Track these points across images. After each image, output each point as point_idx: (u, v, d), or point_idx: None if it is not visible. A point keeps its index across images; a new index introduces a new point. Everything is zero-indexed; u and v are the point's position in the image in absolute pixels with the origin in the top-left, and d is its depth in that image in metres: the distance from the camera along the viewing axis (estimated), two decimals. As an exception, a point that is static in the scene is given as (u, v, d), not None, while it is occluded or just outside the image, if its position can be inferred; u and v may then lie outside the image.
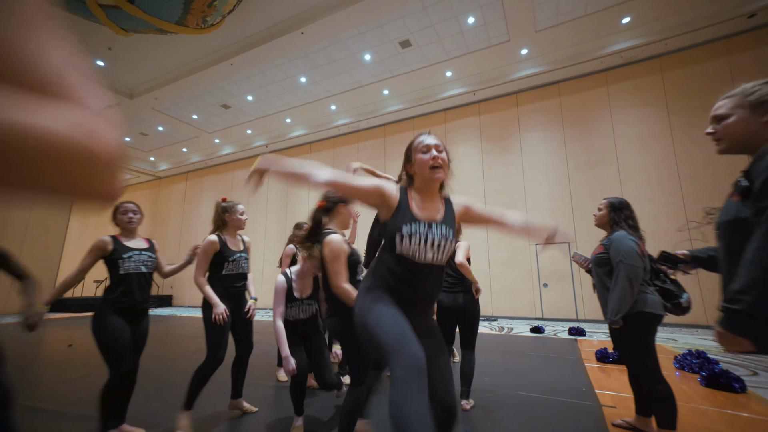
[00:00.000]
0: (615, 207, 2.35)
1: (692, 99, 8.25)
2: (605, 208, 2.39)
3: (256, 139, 14.38)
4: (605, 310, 2.19)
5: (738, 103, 1.24)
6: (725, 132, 1.27)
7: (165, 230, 17.66)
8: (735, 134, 1.24)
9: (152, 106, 11.58)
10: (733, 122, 1.24)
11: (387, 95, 11.04)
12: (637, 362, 2.09)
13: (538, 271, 9.35)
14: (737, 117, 1.23)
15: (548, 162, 9.67)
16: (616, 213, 2.33)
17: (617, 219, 2.31)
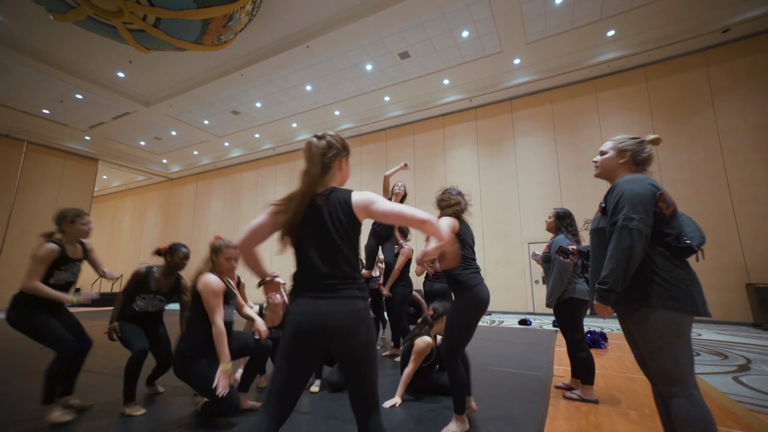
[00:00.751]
0: (560, 216, 2.99)
1: (674, 107, 8.75)
2: (553, 216, 3.00)
3: (263, 143, 15.05)
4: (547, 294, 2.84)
5: (613, 146, 1.77)
6: (602, 163, 1.80)
7: (176, 229, 18.45)
8: (605, 166, 1.78)
9: (167, 113, 12.29)
10: (606, 158, 1.78)
11: (388, 101, 11.64)
12: (568, 335, 2.70)
13: (530, 269, 9.90)
14: (609, 156, 1.77)
15: (540, 166, 10.21)
16: (560, 221, 2.96)
17: (560, 225, 2.95)
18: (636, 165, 1.69)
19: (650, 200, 1.50)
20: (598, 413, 2.41)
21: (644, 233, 1.46)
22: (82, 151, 14.73)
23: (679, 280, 1.46)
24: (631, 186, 1.53)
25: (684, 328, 1.43)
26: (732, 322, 7.50)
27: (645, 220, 1.46)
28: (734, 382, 3.27)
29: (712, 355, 4.47)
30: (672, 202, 1.57)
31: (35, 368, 3.65)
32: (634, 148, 1.69)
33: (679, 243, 1.51)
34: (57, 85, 10.48)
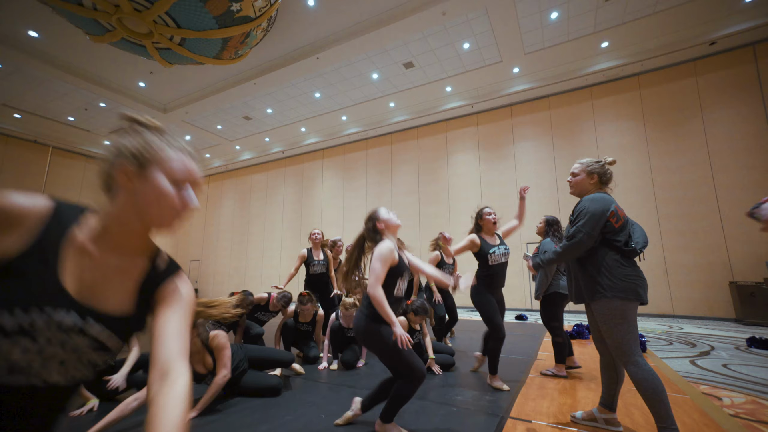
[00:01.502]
0: (549, 222, 3.48)
1: (665, 114, 9.19)
2: (543, 222, 3.51)
3: (273, 146, 15.67)
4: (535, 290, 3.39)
5: (582, 169, 2.20)
6: (574, 183, 2.23)
7: (189, 229, 19.16)
8: (579, 186, 2.22)
9: (183, 119, 12.95)
10: (579, 180, 2.22)
11: (393, 107, 12.18)
12: (549, 322, 3.26)
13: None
14: (580, 177, 2.21)
15: (538, 170, 10.70)
16: (549, 227, 3.46)
17: (548, 230, 3.45)
18: (602, 184, 2.12)
19: (600, 218, 1.92)
20: (566, 384, 2.96)
21: (585, 244, 1.94)
22: (101, 155, 15.46)
23: (627, 277, 1.86)
24: (589, 205, 1.97)
25: (629, 313, 1.82)
26: (716, 317, 7.96)
27: (589, 233, 1.92)
28: (690, 364, 3.79)
29: (683, 344, 4.97)
30: (622, 216, 1.99)
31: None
32: (599, 170, 2.11)
33: (627, 247, 1.92)
34: (83, 94, 11.17)
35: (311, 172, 15.42)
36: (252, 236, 16.65)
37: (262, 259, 16.06)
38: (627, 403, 2.47)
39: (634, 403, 2.48)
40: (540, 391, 2.73)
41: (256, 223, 16.64)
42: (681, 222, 8.64)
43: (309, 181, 15.42)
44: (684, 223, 8.59)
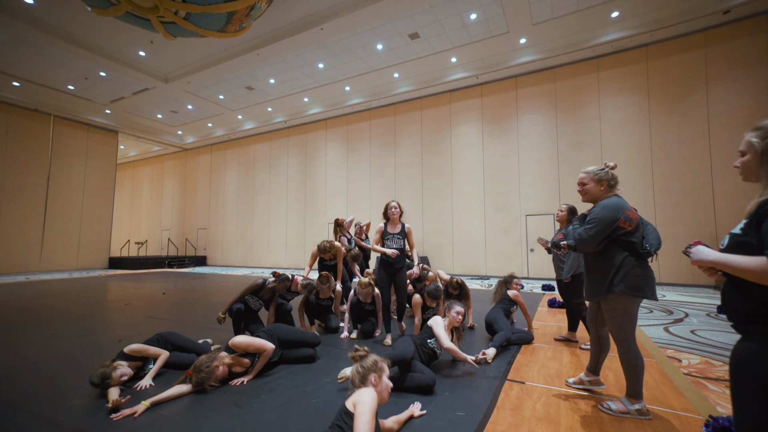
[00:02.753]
0: (572, 211, 3.78)
1: (670, 87, 9.21)
2: (566, 211, 3.78)
3: (275, 116, 15.59)
4: (559, 272, 3.74)
5: (591, 178, 2.40)
6: (585, 191, 2.43)
7: (194, 198, 19.49)
8: (589, 193, 2.43)
9: (185, 89, 12.82)
10: (589, 188, 2.41)
11: (397, 78, 12.05)
12: (574, 300, 3.61)
13: (526, 239, 10.90)
14: (590, 186, 2.41)
15: (540, 143, 10.85)
16: (572, 215, 3.76)
17: (570, 218, 3.75)
18: (611, 188, 2.29)
19: (609, 226, 2.10)
20: (555, 352, 3.47)
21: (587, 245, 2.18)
22: (103, 124, 15.44)
23: (638, 276, 2.04)
24: (600, 212, 2.15)
25: (633, 308, 2.06)
26: (697, 284, 8.59)
27: (593, 237, 2.13)
28: (663, 331, 4.33)
29: (662, 312, 5.53)
30: (634, 218, 2.13)
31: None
32: (606, 176, 2.29)
33: (642, 249, 2.08)
34: (83, 63, 11.01)
35: (314, 143, 15.48)
36: (257, 205, 17.03)
37: (268, 228, 16.55)
38: (605, 367, 2.97)
39: (608, 366, 2.98)
40: (532, 357, 3.24)
41: (261, 192, 16.94)
42: (675, 196, 8.99)
43: (312, 152, 15.52)
44: (678, 197, 8.94)
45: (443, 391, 2.48)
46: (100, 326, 4.58)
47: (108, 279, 10.99)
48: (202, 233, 19.03)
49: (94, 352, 3.44)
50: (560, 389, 2.52)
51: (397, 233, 3.64)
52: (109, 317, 5.16)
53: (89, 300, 6.75)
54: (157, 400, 2.26)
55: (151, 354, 2.72)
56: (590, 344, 2.47)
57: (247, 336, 2.79)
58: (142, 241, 20.08)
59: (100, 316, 5.21)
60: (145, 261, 15.77)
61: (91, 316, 5.25)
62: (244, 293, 3.77)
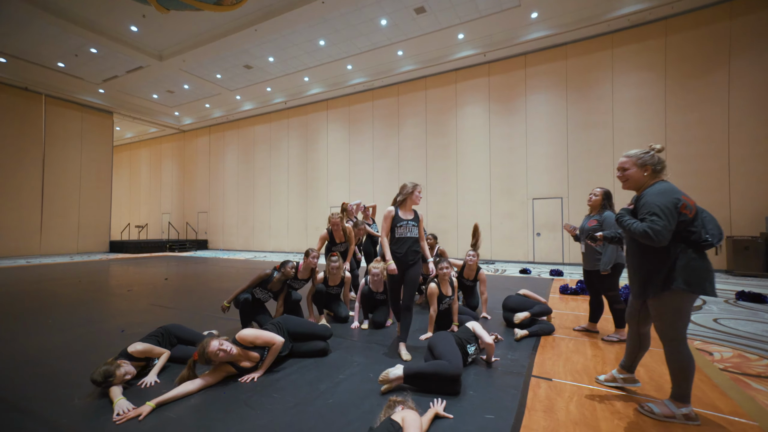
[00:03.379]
0: (607, 195, 3.45)
1: (689, 63, 8.80)
2: (600, 195, 3.45)
3: (275, 96, 15.11)
4: (593, 262, 3.39)
5: (633, 162, 2.15)
6: (626, 177, 2.19)
7: (193, 181, 19.20)
8: (631, 179, 2.18)
9: (180, 67, 12.34)
10: (631, 173, 2.17)
11: (401, 56, 11.56)
12: (609, 291, 3.37)
13: (533, 223, 10.72)
14: (632, 171, 2.16)
15: (549, 123, 10.50)
16: (608, 200, 3.44)
17: (605, 203, 3.44)
18: (655, 173, 2.05)
19: (674, 211, 1.85)
20: (577, 345, 3.33)
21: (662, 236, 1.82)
22: (96, 104, 14.99)
23: (697, 271, 1.82)
24: (656, 199, 1.90)
25: (688, 305, 1.87)
26: (709, 271, 8.45)
27: (668, 227, 1.82)
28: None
29: (679, 300, 5.39)
30: (692, 205, 1.89)
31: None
32: (651, 160, 2.04)
33: (702, 241, 1.84)
34: (72, 39, 10.52)
35: (315, 124, 15.07)
36: (258, 189, 16.76)
37: (269, 212, 16.35)
38: (632, 362, 2.83)
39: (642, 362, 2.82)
40: (554, 351, 3.09)
41: (262, 175, 16.64)
42: (690, 178, 8.72)
43: (313, 134, 15.13)
44: (693, 180, 8.68)
45: (467, 388, 2.33)
46: (102, 314, 4.43)
47: (109, 263, 10.87)
48: (203, 217, 18.85)
49: (96, 343, 3.29)
50: (591, 387, 2.37)
51: (411, 219, 3.02)
52: (112, 304, 5.02)
53: (91, 285, 6.61)
54: (162, 400, 2.11)
55: (156, 354, 2.58)
56: (628, 340, 2.28)
57: (254, 329, 2.63)
58: (143, 225, 19.91)
59: (102, 303, 5.07)
60: (146, 245, 15.64)
61: (93, 302, 5.11)
62: (251, 285, 3.59)
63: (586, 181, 9.92)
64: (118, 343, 3.23)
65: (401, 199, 3.04)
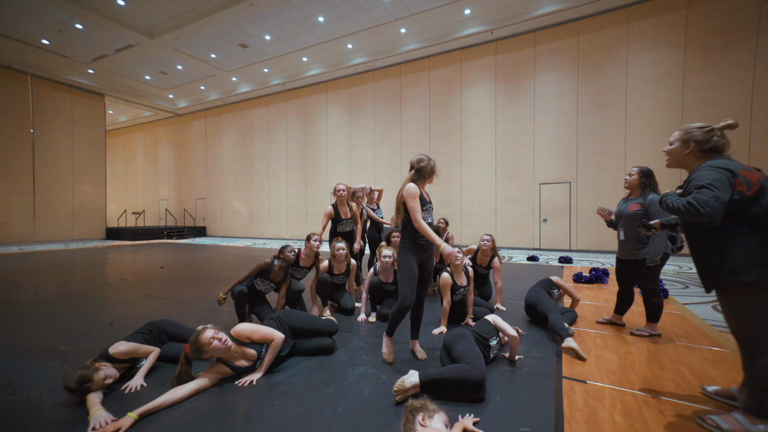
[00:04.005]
0: (645, 173, 3.01)
1: (712, 38, 8.32)
2: (637, 174, 3.03)
3: (272, 78, 14.55)
4: (632, 251, 2.98)
5: (679, 137, 1.88)
6: (669, 153, 1.93)
7: (190, 166, 18.76)
8: (673, 157, 1.91)
9: (172, 46, 11.77)
10: (672, 149, 1.90)
11: (404, 34, 11.00)
12: (647, 284, 3.01)
13: (539, 208, 10.41)
14: (674, 147, 1.89)
15: (559, 104, 10.06)
16: (647, 178, 3.00)
17: (647, 183, 3.00)
18: (702, 153, 1.75)
19: (726, 185, 1.59)
20: (607, 340, 3.06)
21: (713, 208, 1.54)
22: (86, 85, 14.42)
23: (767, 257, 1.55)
24: (705, 174, 1.65)
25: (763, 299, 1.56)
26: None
27: (719, 198, 1.55)
28: (712, 310, 3.93)
29: (697, 287, 5.13)
30: (755, 180, 1.61)
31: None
32: (699, 138, 1.75)
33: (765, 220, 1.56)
34: (54, 12, 9.93)
35: (315, 107, 14.56)
36: (256, 174, 16.36)
37: (268, 198, 16.01)
38: (673, 360, 2.56)
39: (682, 360, 2.56)
40: (582, 348, 2.81)
41: (260, 160, 16.22)
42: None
43: (312, 117, 14.64)
44: None
45: (492, 394, 2.06)
46: (92, 305, 4.16)
47: (105, 250, 10.59)
48: (201, 203, 18.50)
49: (79, 339, 3.01)
50: (633, 391, 2.10)
51: (430, 202, 2.55)
52: (103, 294, 4.74)
53: (82, 274, 6.33)
54: (146, 410, 1.83)
55: (142, 353, 2.28)
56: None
57: (251, 323, 2.35)
58: (140, 212, 19.57)
59: (92, 294, 4.80)
60: (143, 232, 15.35)
61: (82, 292, 4.83)
62: (250, 275, 3.30)
63: (597, 165, 9.56)
64: (106, 338, 2.95)
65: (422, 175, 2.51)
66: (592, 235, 9.59)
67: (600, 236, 9.36)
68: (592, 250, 9.64)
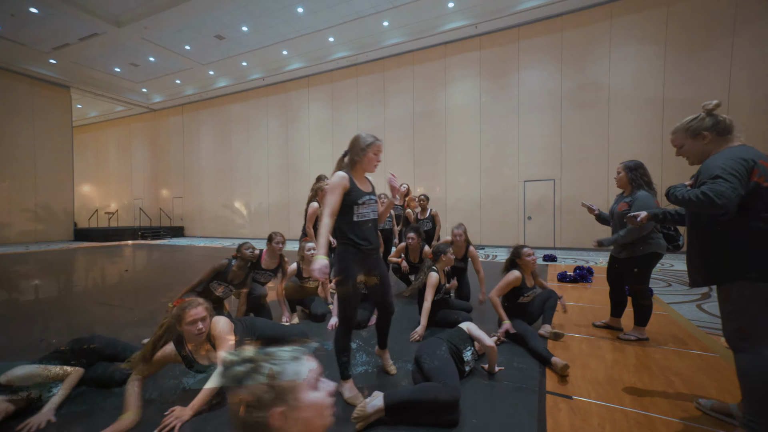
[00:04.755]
0: (631, 168, 2.82)
1: (691, 34, 8.32)
2: (622, 170, 2.86)
3: (251, 72, 14.04)
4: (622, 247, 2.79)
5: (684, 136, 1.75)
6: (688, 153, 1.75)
7: (167, 164, 18.02)
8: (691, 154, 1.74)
9: (142, 36, 11.14)
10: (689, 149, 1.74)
11: (387, 27, 10.71)
12: (636, 285, 2.81)
13: (524, 205, 10.30)
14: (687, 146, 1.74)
15: (543, 101, 9.95)
16: (634, 173, 2.80)
17: (632, 178, 2.81)
18: (720, 136, 1.64)
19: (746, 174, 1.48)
20: (591, 346, 2.86)
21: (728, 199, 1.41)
22: (48, 77, 13.57)
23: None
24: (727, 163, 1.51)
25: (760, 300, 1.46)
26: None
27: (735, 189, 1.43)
28: (697, 309, 3.80)
29: (681, 284, 5.04)
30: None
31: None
32: (706, 125, 1.65)
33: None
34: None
35: (296, 103, 14.13)
36: (236, 172, 15.80)
37: (248, 197, 15.49)
38: (663, 367, 2.37)
39: (672, 367, 2.37)
40: (567, 354, 2.60)
41: (239, 158, 15.66)
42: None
43: (294, 113, 14.20)
44: (688, 161, 8.34)
45: (468, 415, 1.81)
46: (28, 318, 3.72)
47: (68, 253, 9.96)
48: (178, 202, 17.79)
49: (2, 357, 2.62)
50: (623, 408, 1.88)
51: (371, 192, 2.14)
52: (47, 304, 4.30)
53: (27, 280, 5.81)
54: None
55: (53, 377, 1.87)
56: None
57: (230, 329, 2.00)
58: (113, 212, 18.71)
59: (31, 302, 4.35)
60: (114, 232, 14.62)
61: (18, 302, 4.37)
62: (204, 279, 2.97)
63: (581, 162, 9.50)
64: (32, 358, 2.57)
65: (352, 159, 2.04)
66: (577, 232, 9.53)
67: (584, 234, 9.31)
68: (577, 248, 9.59)
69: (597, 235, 6.40)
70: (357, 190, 1.98)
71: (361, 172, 2.07)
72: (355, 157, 2.03)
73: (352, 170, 2.04)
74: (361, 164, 2.03)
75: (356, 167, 2.04)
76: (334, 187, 1.92)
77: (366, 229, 2.01)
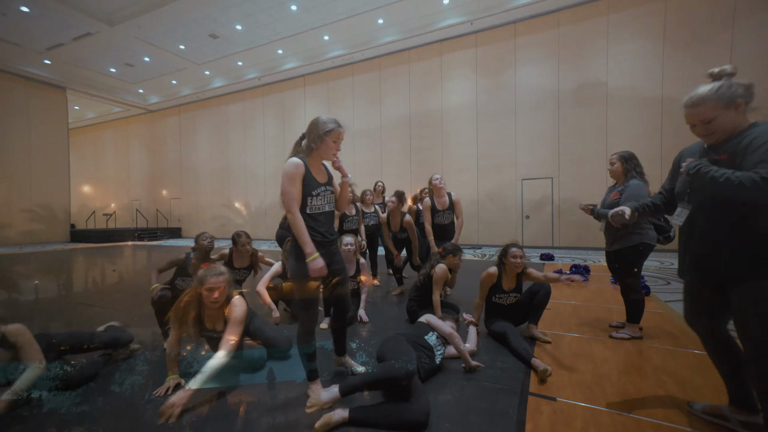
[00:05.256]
0: (626, 158, 2.78)
1: (691, 28, 8.17)
2: (617, 160, 2.81)
3: (247, 72, 13.97)
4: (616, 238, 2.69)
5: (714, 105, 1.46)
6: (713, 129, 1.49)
7: (164, 165, 17.97)
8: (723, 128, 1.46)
9: (135, 35, 11.09)
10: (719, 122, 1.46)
11: (382, 24, 10.62)
12: (628, 277, 2.71)
13: (522, 204, 10.16)
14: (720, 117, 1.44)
15: (540, 98, 9.82)
16: (629, 163, 2.76)
17: (627, 169, 2.77)
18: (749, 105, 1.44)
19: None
20: (582, 345, 2.72)
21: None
22: (44, 78, 13.53)
23: None
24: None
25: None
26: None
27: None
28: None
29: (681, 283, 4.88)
30: None
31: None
32: (743, 91, 1.40)
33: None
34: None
35: (292, 102, 14.04)
36: (233, 172, 15.72)
37: (245, 197, 15.40)
38: (655, 367, 2.23)
39: (666, 367, 2.23)
40: (555, 354, 2.47)
41: (236, 158, 15.58)
42: (685, 156, 8.23)
43: (290, 112, 14.12)
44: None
45: (439, 419, 1.67)
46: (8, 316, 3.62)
47: (61, 254, 9.88)
48: (176, 203, 17.72)
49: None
50: (610, 411, 1.75)
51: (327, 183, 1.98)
52: (25, 303, 4.20)
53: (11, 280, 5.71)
54: None
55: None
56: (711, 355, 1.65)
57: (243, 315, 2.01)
58: (110, 213, 18.65)
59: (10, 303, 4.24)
60: (111, 234, 14.54)
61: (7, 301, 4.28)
62: (163, 270, 2.90)
63: (578, 160, 9.36)
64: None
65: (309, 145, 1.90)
66: (575, 231, 9.38)
67: (582, 232, 9.16)
68: (575, 247, 9.44)
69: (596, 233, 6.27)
70: (312, 181, 1.83)
71: (318, 159, 1.92)
72: (312, 143, 1.88)
73: (308, 157, 1.89)
74: (318, 151, 1.88)
75: (313, 154, 1.89)
76: (292, 177, 1.76)
77: (322, 221, 1.86)
